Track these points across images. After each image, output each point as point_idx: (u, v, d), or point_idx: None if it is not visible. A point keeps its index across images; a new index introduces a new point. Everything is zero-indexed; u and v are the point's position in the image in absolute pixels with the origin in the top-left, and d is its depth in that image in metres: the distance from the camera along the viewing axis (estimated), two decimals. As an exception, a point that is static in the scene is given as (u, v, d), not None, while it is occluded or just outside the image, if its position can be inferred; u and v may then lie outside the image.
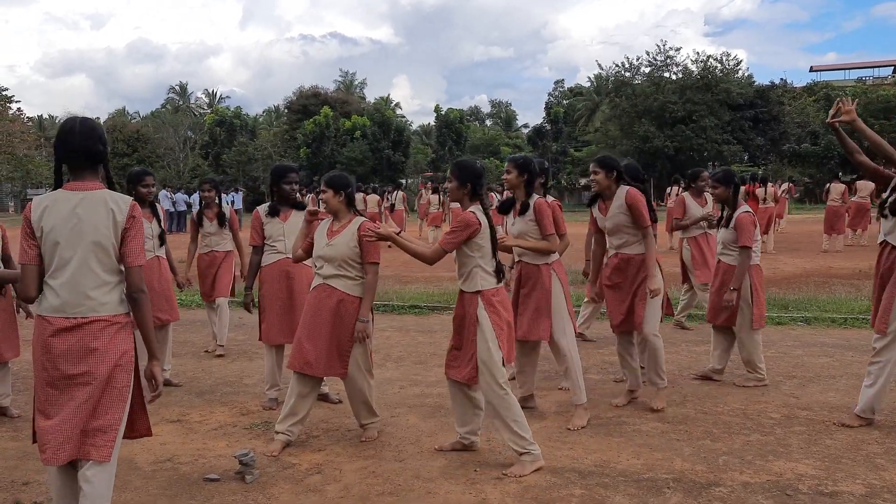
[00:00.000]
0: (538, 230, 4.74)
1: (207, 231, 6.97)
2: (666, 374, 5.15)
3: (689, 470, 3.97)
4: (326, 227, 4.44)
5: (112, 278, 2.94)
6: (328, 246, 4.35)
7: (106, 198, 2.93)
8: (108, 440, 2.89)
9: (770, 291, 9.62)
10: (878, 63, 68.00)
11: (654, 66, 48.23)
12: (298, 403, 4.37)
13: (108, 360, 2.89)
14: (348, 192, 4.44)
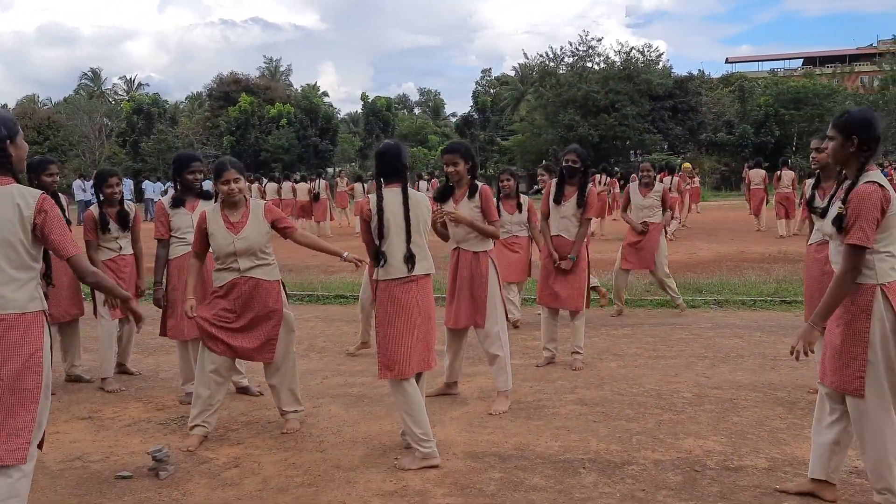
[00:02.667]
0: (482, 217, 4.78)
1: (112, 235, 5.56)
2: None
3: (604, 450, 4.08)
4: (221, 220, 4.30)
5: (22, 275, 2.84)
6: (239, 240, 4.26)
7: (13, 192, 2.83)
8: (20, 443, 2.78)
9: (685, 276, 9.97)
10: (789, 55, 70.91)
11: (578, 56, 49.03)
12: (213, 394, 4.29)
13: (14, 360, 2.78)
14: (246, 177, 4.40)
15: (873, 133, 3.14)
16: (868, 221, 3.01)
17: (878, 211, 3.02)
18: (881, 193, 3.04)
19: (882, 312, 3.07)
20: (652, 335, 6.96)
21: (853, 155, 3.15)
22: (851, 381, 3.11)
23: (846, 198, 3.10)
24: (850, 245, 3.04)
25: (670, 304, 8.41)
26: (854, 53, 63.66)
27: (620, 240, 8.76)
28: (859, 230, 3.02)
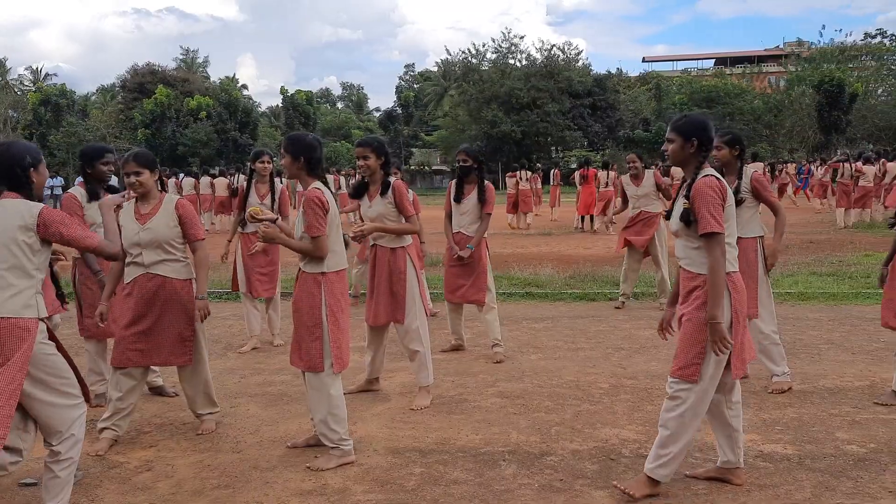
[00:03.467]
0: (396, 212, 4.75)
1: None
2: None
3: (524, 442, 4.13)
4: (132, 212, 4.16)
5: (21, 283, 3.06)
6: (144, 230, 4.12)
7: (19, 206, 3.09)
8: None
9: (604, 269, 10.19)
10: (701, 56, 73.36)
11: (500, 53, 49.54)
12: (124, 397, 4.14)
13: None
14: (158, 170, 4.25)
15: (710, 135, 3.32)
16: (715, 207, 3.16)
17: (719, 198, 3.19)
18: (718, 184, 3.22)
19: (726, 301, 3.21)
20: (571, 328, 7.10)
21: (692, 155, 3.32)
22: (688, 366, 3.24)
23: (688, 194, 3.26)
24: (706, 235, 3.17)
25: (588, 298, 8.60)
26: (762, 55, 66.38)
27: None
28: (711, 218, 3.15)
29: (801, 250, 12.16)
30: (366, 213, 4.84)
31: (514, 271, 10.17)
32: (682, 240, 3.35)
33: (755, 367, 5.53)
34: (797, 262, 10.72)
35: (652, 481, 3.36)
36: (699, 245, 3.25)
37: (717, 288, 3.17)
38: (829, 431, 4.19)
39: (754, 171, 5.05)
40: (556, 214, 20.91)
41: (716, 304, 3.17)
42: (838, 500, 3.30)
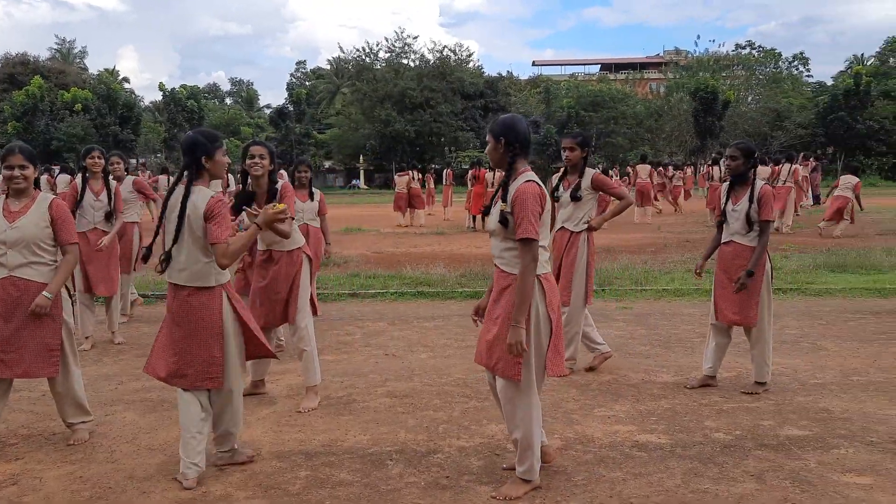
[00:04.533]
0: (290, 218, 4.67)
1: None
2: None
3: (411, 440, 4.15)
4: (0, 208, 3.93)
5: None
6: (13, 229, 3.87)
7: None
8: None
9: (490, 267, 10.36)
10: (588, 61, 75.90)
11: (393, 52, 49.54)
12: None
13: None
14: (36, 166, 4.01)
15: (518, 135, 3.39)
16: (534, 214, 3.25)
17: (539, 206, 3.28)
18: (539, 191, 3.31)
19: (537, 301, 3.33)
20: (462, 326, 7.18)
21: (503, 155, 3.41)
22: (512, 367, 3.30)
23: (506, 196, 3.36)
24: (522, 240, 3.25)
25: (480, 296, 8.73)
26: (644, 62, 69.33)
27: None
28: (528, 224, 3.23)
29: (678, 249, 12.77)
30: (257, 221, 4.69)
31: (406, 270, 10.20)
32: (499, 240, 3.41)
33: (631, 361, 5.79)
34: (674, 260, 11.27)
35: (525, 481, 3.46)
36: (514, 246, 3.32)
37: (524, 294, 3.24)
38: (699, 420, 4.42)
39: (595, 172, 5.48)
40: (449, 214, 21.12)
41: (521, 310, 3.23)
42: (705, 486, 3.50)
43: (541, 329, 3.33)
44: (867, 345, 6.22)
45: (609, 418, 4.49)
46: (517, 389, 3.36)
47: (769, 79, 51.57)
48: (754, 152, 5.00)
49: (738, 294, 4.89)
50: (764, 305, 4.93)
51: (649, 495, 3.41)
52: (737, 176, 5.00)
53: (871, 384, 5.10)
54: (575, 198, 5.38)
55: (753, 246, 4.88)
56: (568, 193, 5.43)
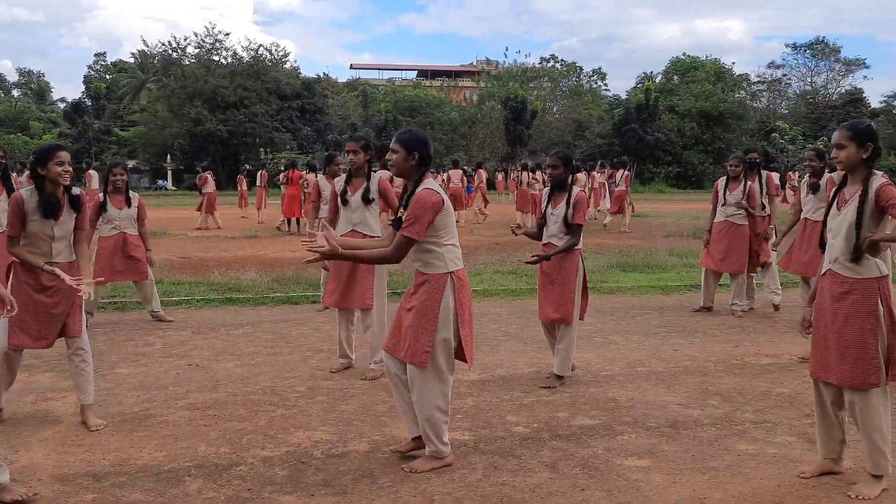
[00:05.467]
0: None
1: None
2: None
3: (212, 454, 3.98)
4: None
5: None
6: None
7: None
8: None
9: (311, 272, 10.22)
10: (405, 66, 77.08)
11: (204, 48, 47.45)
12: None
13: None
14: None
15: (429, 150, 3.71)
16: (424, 220, 3.53)
17: (432, 213, 3.56)
18: (437, 198, 3.57)
19: (450, 295, 3.65)
20: (272, 332, 7.00)
21: (413, 167, 3.67)
22: (420, 354, 3.60)
23: (408, 201, 3.59)
24: (404, 235, 3.54)
25: (292, 301, 8.57)
26: (458, 70, 71.53)
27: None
28: (418, 226, 3.52)
29: (488, 251, 13.27)
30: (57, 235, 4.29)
31: (215, 276, 9.79)
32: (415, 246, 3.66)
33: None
34: (484, 261, 11.70)
35: (436, 458, 3.76)
36: (429, 248, 3.62)
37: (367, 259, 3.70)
38: (500, 416, 4.61)
39: (381, 176, 5.63)
40: (262, 217, 20.56)
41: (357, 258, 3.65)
42: (504, 478, 3.65)
43: (449, 320, 3.63)
44: (650, 338, 6.80)
45: (416, 419, 4.56)
46: (423, 375, 3.63)
47: (572, 91, 55.12)
48: (572, 160, 5.41)
49: (556, 293, 5.26)
50: (576, 304, 5.29)
51: (451, 491, 3.50)
52: (557, 183, 5.34)
53: (653, 374, 5.58)
54: (366, 199, 5.45)
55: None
56: (358, 196, 5.48)
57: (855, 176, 3.55)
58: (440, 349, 3.63)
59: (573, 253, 5.27)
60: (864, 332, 3.42)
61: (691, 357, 6.10)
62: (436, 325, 3.61)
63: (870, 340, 3.41)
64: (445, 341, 3.64)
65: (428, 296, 3.63)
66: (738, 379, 5.43)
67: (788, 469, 3.75)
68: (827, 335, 3.54)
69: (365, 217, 5.50)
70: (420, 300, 3.65)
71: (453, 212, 3.75)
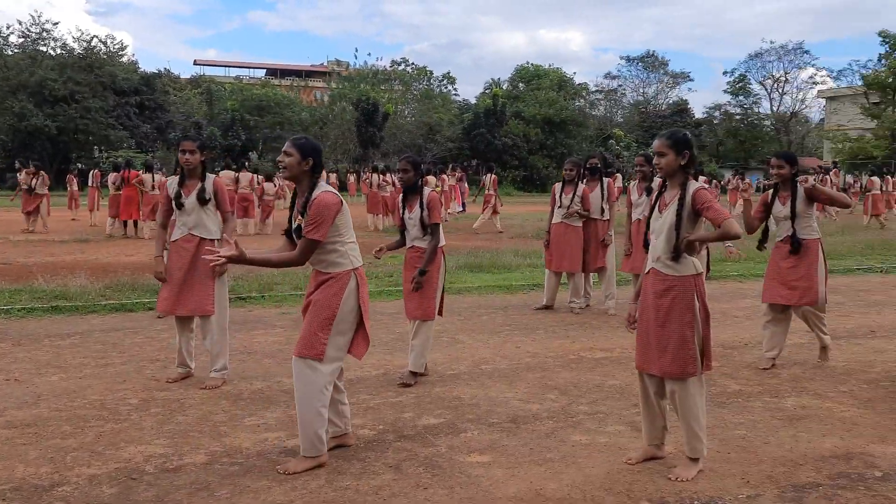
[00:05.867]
0: None
1: None
2: None
3: (32, 474, 3.68)
4: None
5: None
6: None
7: None
8: None
9: (148, 277, 9.68)
10: (253, 64, 75.01)
11: (29, 37, 43.89)
12: None
13: None
14: None
15: (321, 155, 3.86)
16: (327, 223, 3.68)
17: (334, 214, 3.71)
18: (336, 199, 3.75)
19: (353, 290, 3.81)
20: (104, 342, 6.58)
21: (305, 172, 3.79)
22: (316, 346, 3.72)
23: (305, 207, 3.71)
24: (310, 239, 3.67)
25: (126, 309, 8.10)
26: (309, 70, 70.49)
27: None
28: (322, 228, 3.68)
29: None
30: None
31: (39, 283, 9.06)
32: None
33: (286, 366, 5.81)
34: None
35: (307, 458, 3.77)
36: (333, 248, 3.77)
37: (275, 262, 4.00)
38: (346, 419, 4.57)
39: (215, 177, 5.51)
40: (95, 219, 19.28)
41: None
42: (347, 482, 3.63)
43: (349, 316, 3.79)
44: (495, 336, 7.01)
45: (259, 427, 4.44)
46: (314, 371, 3.72)
47: (423, 95, 55.80)
48: (421, 164, 5.60)
49: (417, 292, 5.36)
50: (438, 301, 5.50)
51: (293, 499, 3.43)
52: (408, 186, 5.49)
53: (496, 371, 5.75)
54: (202, 200, 5.29)
55: None
56: (193, 198, 5.30)
57: (674, 181, 3.82)
58: (333, 344, 3.75)
59: (435, 252, 5.41)
60: (683, 326, 3.69)
61: (532, 353, 6.34)
62: (332, 320, 3.73)
63: (688, 333, 3.69)
64: (341, 336, 3.77)
65: (331, 292, 3.76)
66: (575, 373, 5.70)
67: (617, 456, 3.98)
68: (650, 330, 3.79)
69: (201, 219, 5.29)
70: (321, 296, 3.77)
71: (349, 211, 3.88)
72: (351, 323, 3.81)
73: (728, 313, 8.22)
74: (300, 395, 3.75)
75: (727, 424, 4.50)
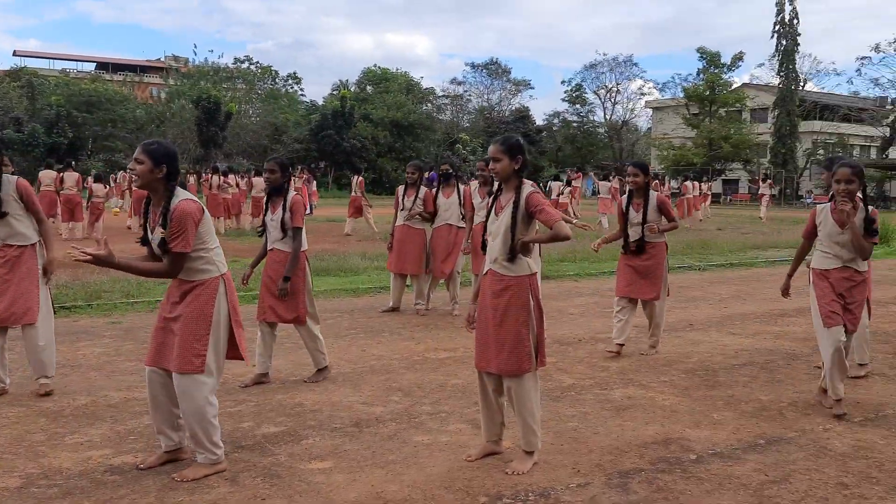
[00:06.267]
0: None
1: None
2: None
3: None
4: None
5: None
6: None
7: None
8: None
9: None
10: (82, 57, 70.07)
11: None
12: None
13: None
14: None
15: (177, 162, 3.66)
16: (191, 231, 3.57)
17: (196, 222, 3.59)
18: (197, 206, 3.63)
19: (223, 295, 3.72)
20: None
21: (160, 180, 3.59)
22: (195, 360, 3.60)
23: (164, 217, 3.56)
24: (176, 252, 3.55)
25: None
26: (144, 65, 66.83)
27: None
28: (188, 237, 3.55)
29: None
30: None
31: None
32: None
33: (115, 379, 5.47)
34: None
35: (209, 465, 3.71)
36: (199, 255, 3.64)
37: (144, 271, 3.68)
38: (180, 432, 4.36)
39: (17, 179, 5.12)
40: None
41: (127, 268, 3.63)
42: (180, 498, 3.45)
43: (221, 323, 3.69)
44: (340, 340, 6.94)
45: (82, 445, 4.14)
46: (195, 381, 3.60)
47: (268, 94, 54.45)
48: (289, 166, 5.53)
49: (283, 299, 5.36)
50: (310, 302, 5.52)
51: (119, 520, 3.23)
52: (274, 188, 5.44)
53: (341, 375, 5.70)
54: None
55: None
56: None
57: (508, 185, 3.96)
58: (213, 353, 3.65)
59: (298, 257, 5.38)
60: (519, 325, 3.83)
61: (377, 356, 6.34)
62: (209, 329, 3.63)
63: (523, 332, 3.83)
64: (218, 344, 3.68)
65: (201, 301, 3.65)
66: (419, 374, 5.76)
67: (458, 454, 4.06)
68: (489, 329, 3.90)
69: (13, 227, 4.91)
70: (191, 306, 3.64)
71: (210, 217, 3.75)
72: (227, 329, 3.74)
73: (564, 311, 8.62)
74: (188, 410, 3.64)
75: (561, 417, 4.72)
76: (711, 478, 3.79)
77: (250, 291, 7.82)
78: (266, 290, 5.48)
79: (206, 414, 3.65)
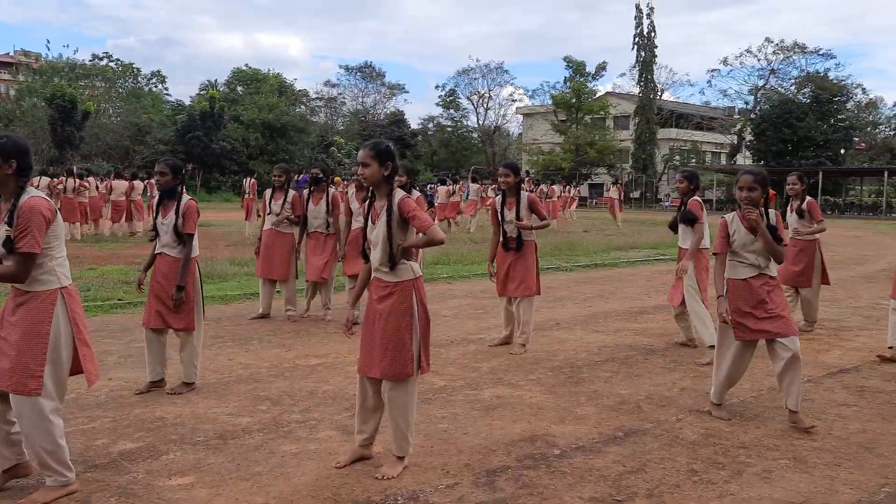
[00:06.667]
0: None
1: None
2: None
3: None
4: None
5: None
6: None
7: None
8: None
9: None
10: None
11: None
12: None
13: None
14: None
15: (29, 158, 3.42)
16: (41, 231, 3.33)
17: (46, 222, 3.36)
18: (49, 205, 3.41)
19: (62, 312, 3.45)
20: None
21: (10, 176, 3.36)
22: (30, 381, 3.32)
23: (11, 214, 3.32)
24: (24, 252, 3.30)
25: None
26: (-9, 59, 61.97)
27: None
28: (37, 236, 3.31)
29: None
30: None
31: None
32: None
33: None
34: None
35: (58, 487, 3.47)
36: (39, 262, 3.38)
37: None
38: (25, 454, 4.06)
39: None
40: None
41: None
42: None
43: (60, 340, 3.42)
44: (206, 349, 6.54)
45: None
46: (33, 403, 3.35)
47: (129, 93, 51.83)
48: (182, 169, 5.38)
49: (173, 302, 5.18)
50: (200, 311, 5.37)
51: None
52: (166, 191, 5.28)
53: (206, 386, 5.48)
54: None
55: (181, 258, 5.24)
56: None
57: (380, 192, 3.94)
58: (51, 374, 3.39)
59: (189, 263, 5.24)
60: (402, 329, 3.82)
61: (245, 365, 6.16)
62: (45, 348, 3.38)
63: (406, 336, 3.82)
64: (57, 363, 3.43)
65: (36, 315, 3.39)
66: (289, 382, 5.64)
67: (327, 462, 4.00)
68: (373, 334, 3.87)
69: None
70: (25, 321, 3.38)
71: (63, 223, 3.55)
72: (68, 347, 3.48)
73: (437, 313, 8.69)
74: (29, 433, 3.40)
75: (432, 419, 4.75)
76: (574, 471, 3.93)
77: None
78: (154, 296, 5.28)
79: (50, 435, 3.41)
